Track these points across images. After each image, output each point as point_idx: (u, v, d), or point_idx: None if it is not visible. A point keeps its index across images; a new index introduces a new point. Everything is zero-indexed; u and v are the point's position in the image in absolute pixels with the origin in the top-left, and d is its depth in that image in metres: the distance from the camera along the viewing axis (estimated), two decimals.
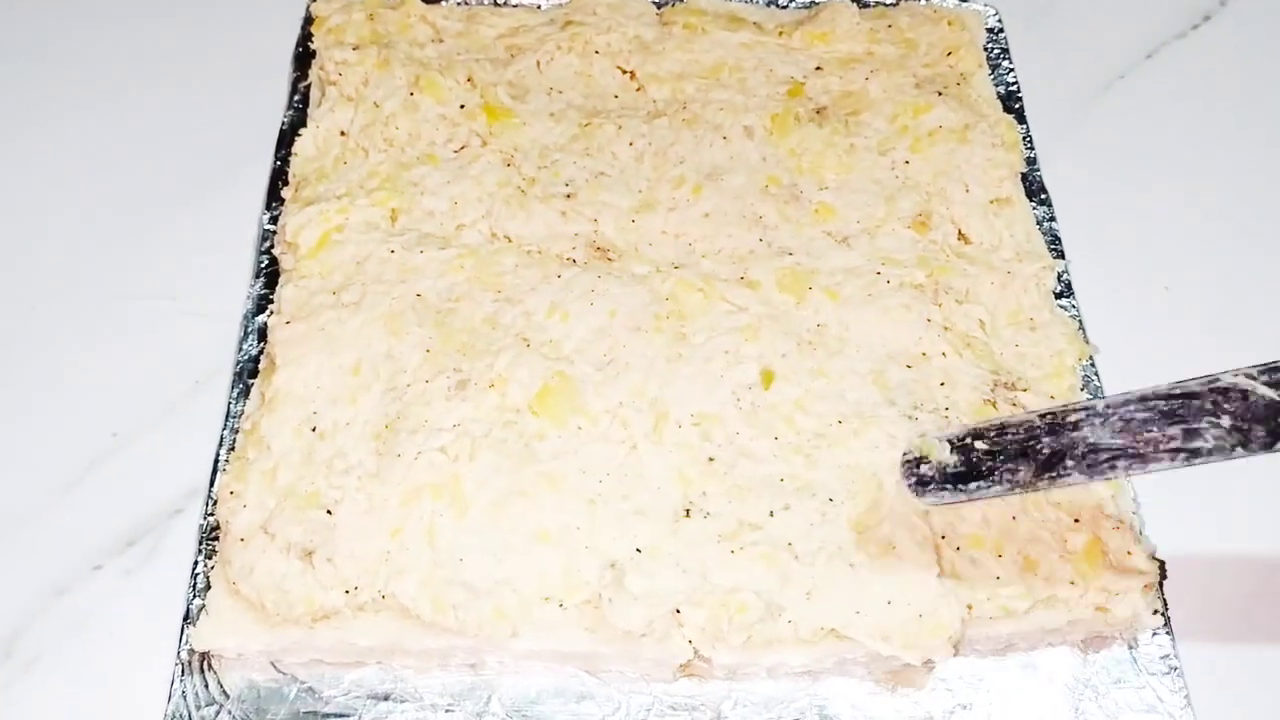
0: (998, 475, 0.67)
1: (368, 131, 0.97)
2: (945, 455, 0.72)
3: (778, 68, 1.05)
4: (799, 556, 0.74)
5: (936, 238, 0.93)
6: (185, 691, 0.74)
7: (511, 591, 0.73)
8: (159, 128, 1.09)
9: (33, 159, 1.06)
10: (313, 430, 0.79)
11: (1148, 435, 0.58)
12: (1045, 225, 0.98)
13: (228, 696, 0.74)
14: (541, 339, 0.84)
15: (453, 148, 0.98)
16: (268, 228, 0.97)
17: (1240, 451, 0.55)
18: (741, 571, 0.74)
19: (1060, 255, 0.96)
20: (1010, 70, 1.11)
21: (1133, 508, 0.80)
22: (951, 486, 0.71)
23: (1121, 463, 0.60)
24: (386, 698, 0.75)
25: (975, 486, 0.69)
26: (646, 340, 0.84)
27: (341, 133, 0.98)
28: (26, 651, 0.79)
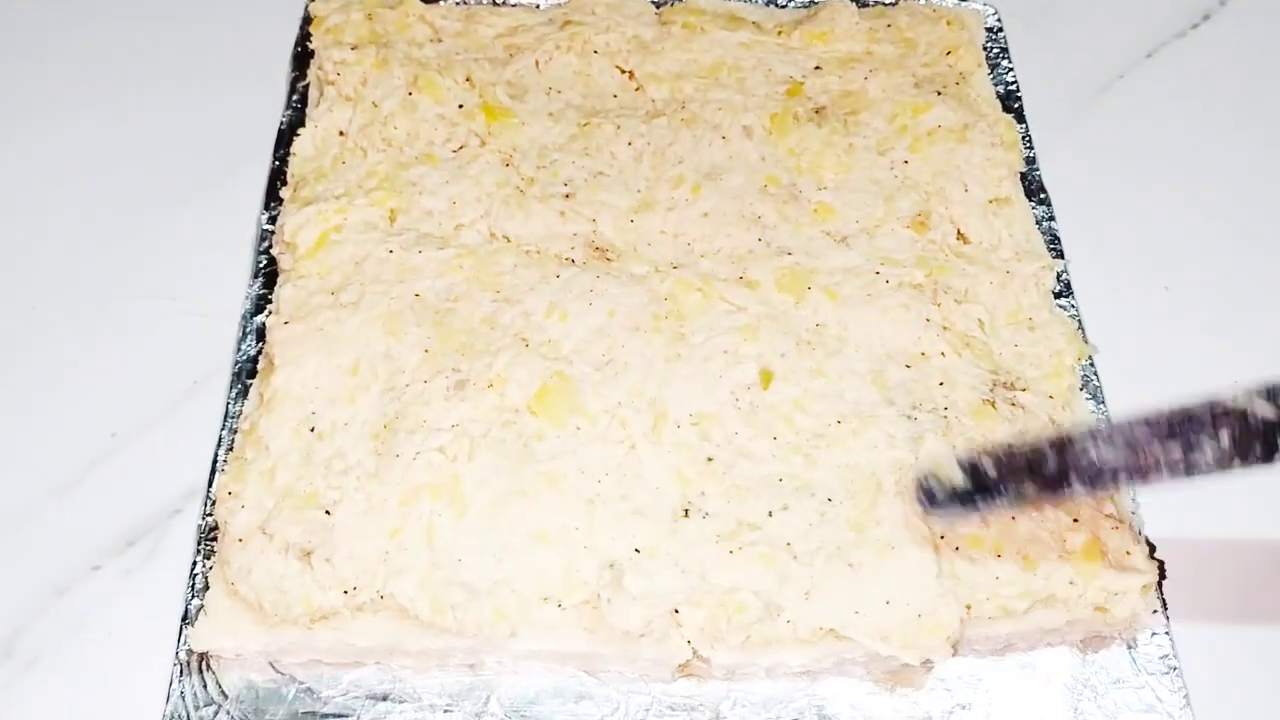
0: (1005, 489, 0.67)
1: (366, 131, 0.97)
2: (955, 474, 0.72)
3: (777, 67, 1.05)
4: (798, 556, 0.74)
5: (935, 237, 0.93)
6: (184, 692, 0.74)
7: (510, 592, 0.73)
8: (158, 127, 1.09)
9: (33, 159, 1.06)
10: (311, 430, 0.79)
11: (1149, 451, 0.60)
12: (1044, 225, 0.98)
13: (226, 697, 0.74)
14: (540, 339, 0.84)
15: (451, 147, 0.98)
16: (266, 228, 0.97)
17: (1238, 464, 0.58)
18: (740, 571, 0.74)
19: (1059, 255, 0.96)
20: (1010, 70, 1.11)
21: (1132, 508, 0.80)
22: (960, 502, 0.71)
23: (1123, 476, 0.62)
24: (385, 698, 0.75)
25: (982, 502, 0.69)
26: (645, 340, 0.84)
27: (340, 132, 0.98)
28: (26, 651, 0.79)
